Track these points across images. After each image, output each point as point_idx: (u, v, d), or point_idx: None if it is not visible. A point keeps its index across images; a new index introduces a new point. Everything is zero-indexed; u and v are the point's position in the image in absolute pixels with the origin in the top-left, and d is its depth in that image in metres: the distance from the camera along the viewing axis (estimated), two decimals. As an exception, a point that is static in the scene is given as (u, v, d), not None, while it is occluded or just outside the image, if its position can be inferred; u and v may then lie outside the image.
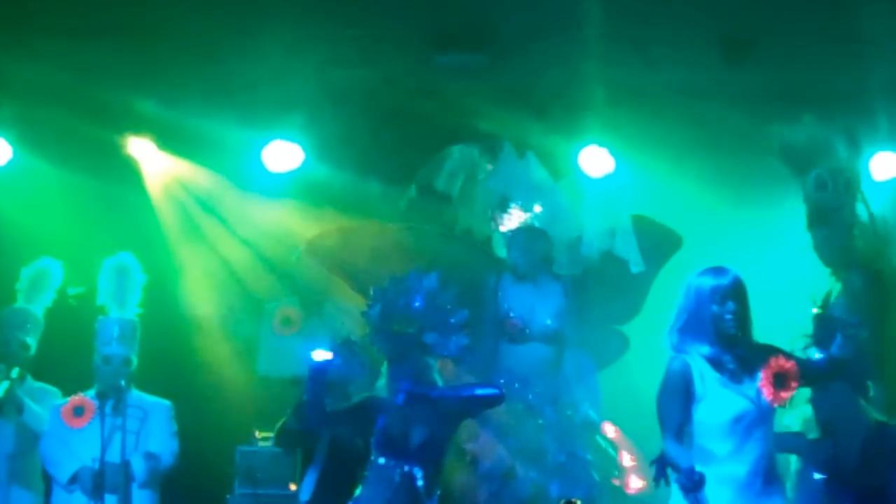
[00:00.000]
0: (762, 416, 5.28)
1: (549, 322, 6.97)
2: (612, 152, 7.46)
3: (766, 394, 5.26)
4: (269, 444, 7.15)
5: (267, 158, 7.63)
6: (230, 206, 7.82)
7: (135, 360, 6.78)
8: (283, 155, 7.62)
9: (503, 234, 7.13)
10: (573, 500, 6.22)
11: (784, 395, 5.28)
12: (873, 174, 7.40)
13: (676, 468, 5.21)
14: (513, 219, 7.07)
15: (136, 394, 6.75)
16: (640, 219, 7.31)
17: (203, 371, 7.79)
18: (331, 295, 7.81)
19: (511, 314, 6.96)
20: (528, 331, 6.93)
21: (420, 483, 5.83)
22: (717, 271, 5.41)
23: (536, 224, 7.08)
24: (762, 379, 5.31)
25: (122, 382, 6.59)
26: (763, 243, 7.40)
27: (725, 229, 7.43)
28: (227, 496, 7.31)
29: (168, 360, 7.41)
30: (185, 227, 7.87)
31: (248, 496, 7.27)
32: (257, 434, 7.44)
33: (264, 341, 7.95)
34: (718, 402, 5.29)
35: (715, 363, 5.35)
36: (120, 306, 6.86)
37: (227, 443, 7.43)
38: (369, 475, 5.90)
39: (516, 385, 6.81)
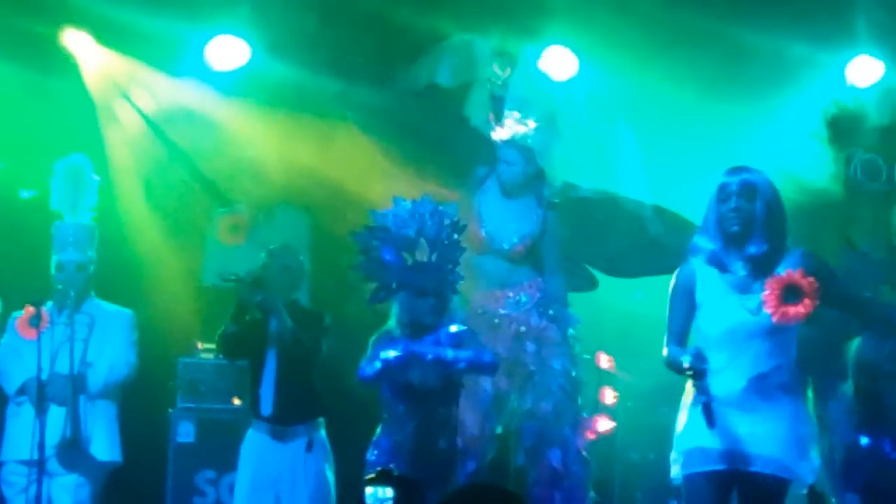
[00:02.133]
0: (762, 330, 4.99)
1: (515, 240, 6.69)
2: (577, 53, 7.14)
3: (768, 307, 4.95)
4: (211, 355, 6.96)
5: (211, 55, 7.24)
6: (173, 107, 7.46)
7: (92, 267, 6.51)
8: (229, 51, 7.23)
9: (496, 142, 6.78)
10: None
11: (792, 311, 4.94)
12: (853, 79, 7.23)
13: (679, 366, 4.99)
14: (505, 130, 6.73)
15: (94, 302, 6.51)
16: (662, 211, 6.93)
17: (145, 278, 7.48)
18: (279, 202, 7.57)
19: (480, 223, 6.68)
20: (493, 244, 6.66)
21: (435, 428, 5.62)
22: (733, 170, 5.21)
23: (528, 141, 6.71)
24: (766, 290, 4.99)
25: (73, 292, 6.32)
26: (739, 139, 7.16)
27: (699, 127, 7.18)
28: (170, 410, 7.13)
29: (112, 267, 7.10)
30: (126, 128, 7.51)
31: (191, 410, 7.10)
32: (199, 345, 7.25)
33: (210, 249, 7.70)
34: (715, 310, 5.07)
35: (723, 268, 5.11)
36: (73, 210, 6.57)
37: (169, 354, 7.21)
38: (386, 419, 5.71)
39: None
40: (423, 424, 5.58)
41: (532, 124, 6.71)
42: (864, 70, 7.24)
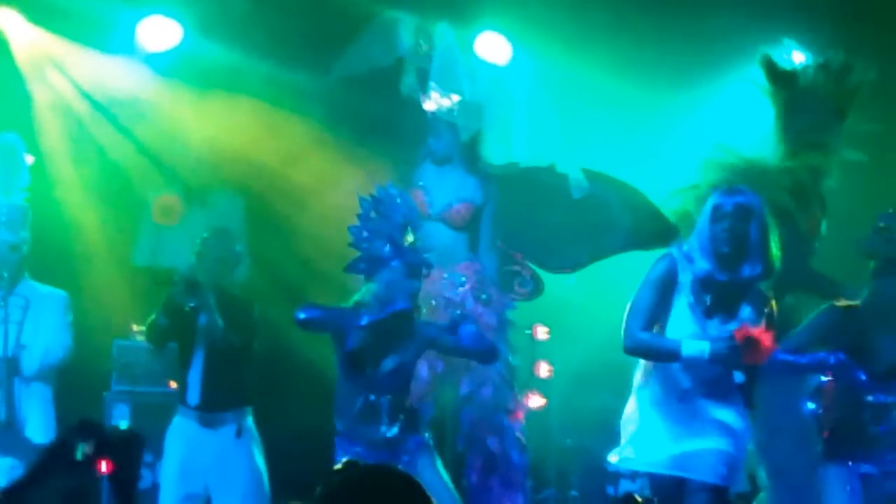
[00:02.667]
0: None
1: (453, 203, 6.76)
2: (510, 39, 7.15)
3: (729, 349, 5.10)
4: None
5: (142, 35, 7.16)
6: (105, 87, 7.33)
7: (25, 248, 6.39)
8: (161, 32, 7.15)
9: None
10: None
11: (748, 359, 5.12)
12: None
13: (658, 351, 5.12)
14: (431, 102, 6.82)
15: (28, 283, 6.40)
16: (630, 191, 6.94)
17: (79, 259, 7.40)
18: (215, 185, 7.49)
19: (420, 189, 6.76)
20: (430, 209, 6.70)
21: (384, 411, 5.56)
22: (728, 191, 5.25)
23: (454, 115, 6.81)
24: (735, 336, 5.11)
25: (6, 273, 6.22)
26: (674, 125, 7.30)
27: (636, 115, 7.25)
28: (105, 393, 7.10)
29: (45, 248, 7.00)
30: (56, 107, 7.39)
31: (126, 393, 7.08)
32: (135, 327, 7.20)
33: (143, 231, 7.62)
34: (679, 320, 5.16)
35: (697, 290, 5.19)
36: (6, 190, 6.43)
37: (104, 337, 7.15)
38: (337, 394, 5.64)
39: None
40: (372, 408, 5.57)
41: (455, 98, 6.79)
42: (788, 57, 7.21)
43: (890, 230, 5.62)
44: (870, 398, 5.53)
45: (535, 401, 7.22)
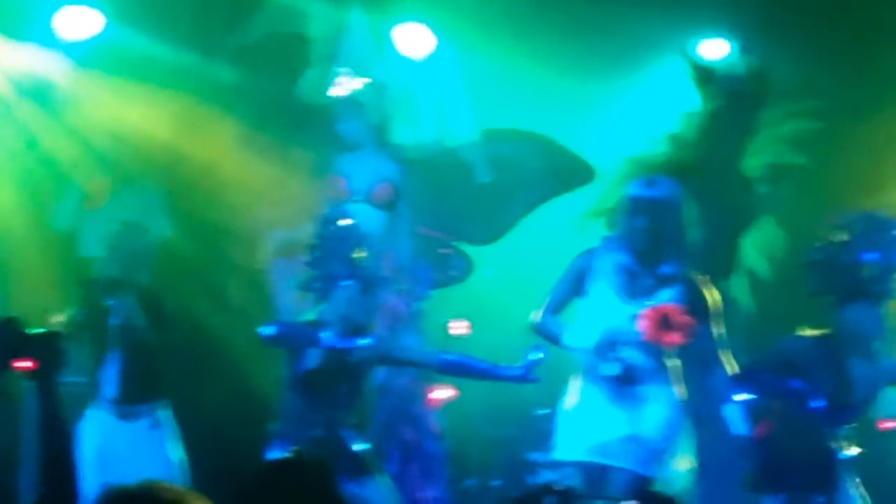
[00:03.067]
0: (636, 338, 5.17)
1: (373, 184, 6.81)
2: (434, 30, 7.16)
3: (644, 332, 5.14)
4: (65, 330, 6.90)
5: (60, 24, 7.08)
6: (24, 74, 7.23)
7: None
8: (80, 20, 7.08)
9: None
10: None
11: (665, 339, 5.16)
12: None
13: (549, 334, 5.26)
14: (339, 87, 6.84)
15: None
16: (538, 137, 7.00)
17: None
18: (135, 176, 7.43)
19: (339, 173, 6.83)
20: (352, 194, 6.76)
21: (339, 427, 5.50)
22: (645, 182, 5.30)
23: (361, 98, 6.83)
24: (646, 313, 5.17)
25: None
26: (602, 116, 7.33)
27: (563, 106, 7.25)
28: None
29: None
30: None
31: (46, 384, 7.02)
32: (54, 319, 7.13)
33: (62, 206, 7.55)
34: (599, 307, 5.22)
35: (618, 275, 5.26)
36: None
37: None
38: (283, 410, 5.58)
39: None
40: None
41: (363, 81, 6.82)
42: (713, 49, 7.36)
43: (824, 262, 5.39)
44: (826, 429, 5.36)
45: (447, 391, 7.22)
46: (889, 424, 7.00)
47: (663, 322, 5.14)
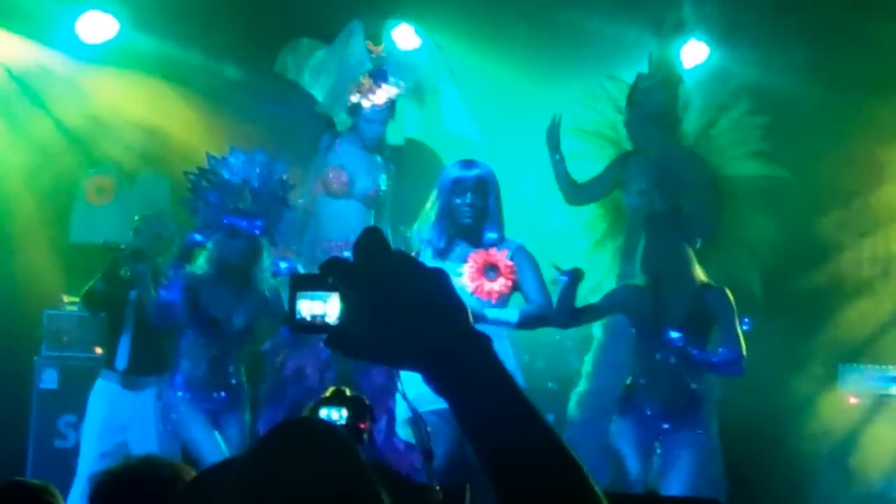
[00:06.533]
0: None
1: (371, 186, 7.10)
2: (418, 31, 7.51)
3: (468, 278, 5.46)
4: (75, 308, 7.32)
5: (81, 29, 7.52)
6: (44, 77, 7.71)
7: None
8: (98, 25, 7.52)
9: (362, 107, 7.05)
10: None
11: (487, 286, 5.45)
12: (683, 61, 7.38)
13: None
14: (380, 95, 7.03)
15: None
16: None
17: (13, 234, 7.78)
18: (146, 165, 7.94)
19: (344, 171, 7.04)
20: (350, 187, 7.03)
21: (231, 366, 6.06)
22: (465, 164, 5.69)
23: (396, 104, 7.12)
24: (468, 263, 5.47)
25: None
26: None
27: (531, 107, 7.41)
28: (35, 358, 7.43)
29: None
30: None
31: (54, 358, 7.42)
32: (65, 298, 7.60)
33: (77, 209, 8.00)
34: None
35: (440, 253, 5.58)
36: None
37: (35, 307, 7.54)
38: (182, 347, 6.10)
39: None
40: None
41: (402, 85, 7.09)
42: (691, 53, 7.37)
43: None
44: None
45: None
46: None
47: (487, 268, 5.46)
